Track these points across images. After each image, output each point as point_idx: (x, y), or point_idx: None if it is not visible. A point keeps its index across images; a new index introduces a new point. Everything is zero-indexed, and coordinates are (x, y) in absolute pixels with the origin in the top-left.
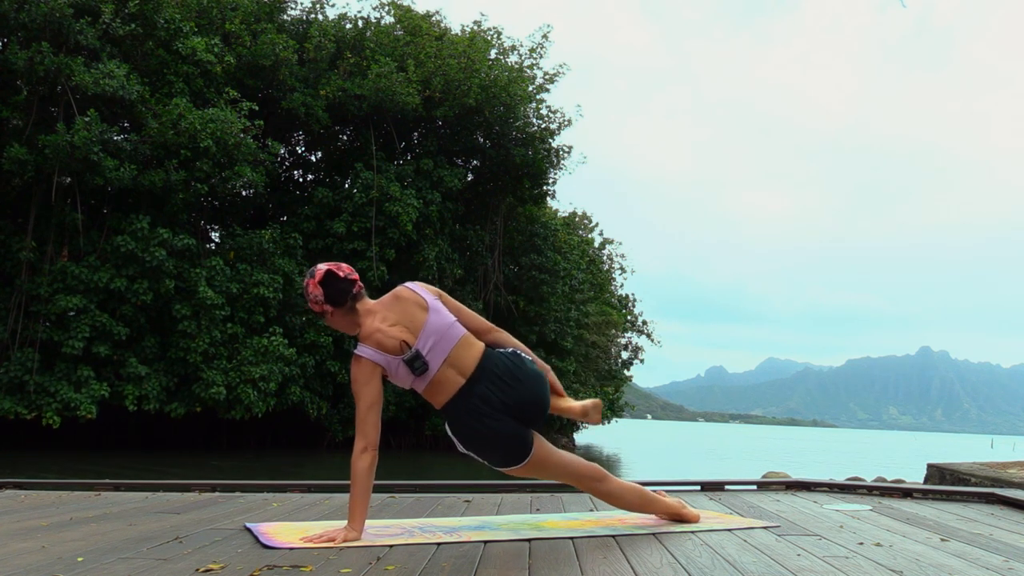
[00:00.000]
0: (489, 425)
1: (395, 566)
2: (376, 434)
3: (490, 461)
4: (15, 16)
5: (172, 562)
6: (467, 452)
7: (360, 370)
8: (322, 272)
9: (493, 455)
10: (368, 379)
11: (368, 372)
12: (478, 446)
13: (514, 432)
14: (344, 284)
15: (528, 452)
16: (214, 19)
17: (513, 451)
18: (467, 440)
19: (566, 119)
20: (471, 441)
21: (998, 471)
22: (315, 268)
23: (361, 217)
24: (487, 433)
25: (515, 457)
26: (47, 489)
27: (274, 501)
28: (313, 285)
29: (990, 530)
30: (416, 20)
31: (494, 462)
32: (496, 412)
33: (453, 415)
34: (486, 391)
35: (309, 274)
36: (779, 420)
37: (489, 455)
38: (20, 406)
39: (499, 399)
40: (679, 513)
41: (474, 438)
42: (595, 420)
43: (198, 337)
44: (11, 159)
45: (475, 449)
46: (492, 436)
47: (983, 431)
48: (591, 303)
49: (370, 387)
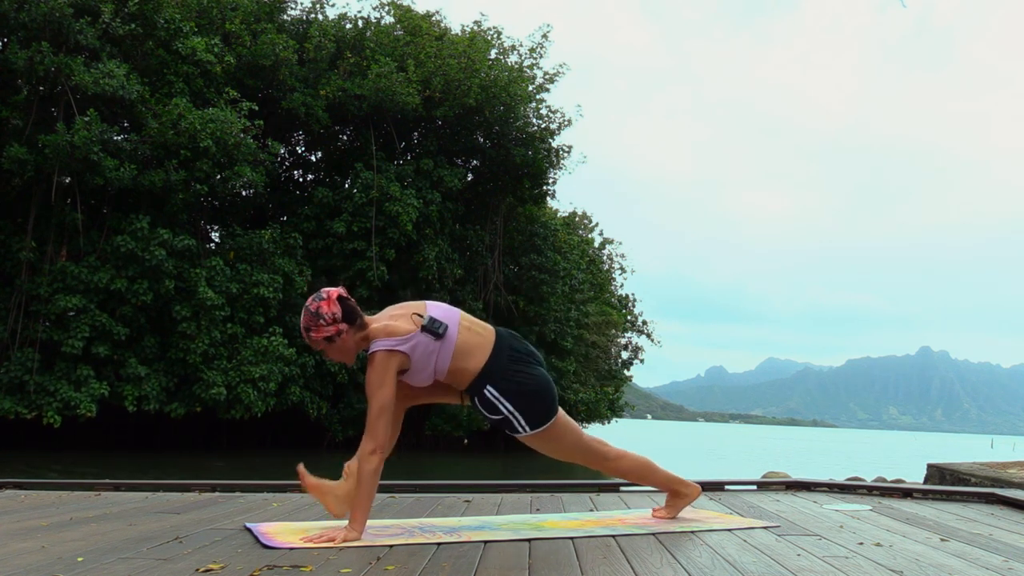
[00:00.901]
0: (536, 372)
1: (395, 566)
2: (386, 437)
3: (532, 416)
4: (15, 16)
5: (172, 562)
6: (506, 413)
7: (375, 369)
8: (336, 291)
9: (540, 405)
10: (383, 379)
11: (384, 369)
12: (530, 398)
13: (551, 381)
14: (352, 302)
15: (558, 406)
16: (214, 19)
17: (554, 400)
18: (518, 394)
19: (566, 119)
20: (523, 394)
21: (998, 471)
22: (322, 291)
23: (361, 217)
24: (538, 379)
25: (553, 408)
26: (47, 489)
27: (274, 501)
28: (330, 304)
29: (990, 530)
30: (416, 20)
31: (535, 417)
32: (535, 362)
33: (497, 370)
34: (516, 345)
35: (318, 297)
36: (779, 420)
37: (537, 406)
38: (20, 406)
39: (527, 352)
40: (678, 489)
41: (526, 387)
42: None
43: (198, 337)
44: (11, 159)
45: (526, 402)
46: (543, 382)
47: (983, 431)
48: (591, 303)
49: (385, 388)
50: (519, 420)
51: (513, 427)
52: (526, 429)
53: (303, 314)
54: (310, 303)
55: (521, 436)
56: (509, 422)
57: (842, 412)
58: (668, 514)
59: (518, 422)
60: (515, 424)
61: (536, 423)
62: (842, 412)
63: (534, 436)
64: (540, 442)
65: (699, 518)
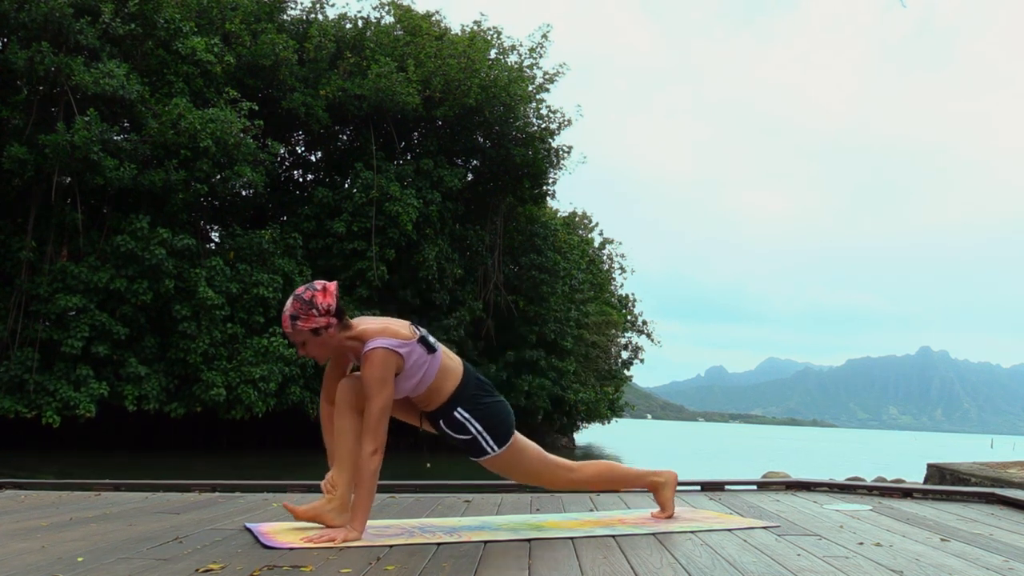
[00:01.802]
0: (498, 398)
1: (395, 566)
2: (386, 437)
3: (497, 436)
4: (15, 16)
5: (172, 562)
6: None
7: (377, 366)
8: (332, 284)
9: (503, 428)
10: (386, 376)
11: (387, 366)
12: (494, 420)
13: (510, 407)
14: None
15: (515, 429)
16: (214, 19)
17: (513, 423)
18: (485, 416)
19: (566, 119)
20: (489, 416)
21: (998, 471)
22: (315, 282)
23: (361, 217)
24: (501, 404)
25: (512, 429)
26: (47, 489)
27: (274, 501)
28: (326, 295)
29: (990, 530)
30: (416, 20)
31: (500, 437)
32: (494, 391)
33: (466, 395)
34: (479, 375)
35: (311, 287)
36: (779, 420)
37: (501, 428)
38: (20, 405)
39: (488, 382)
40: (652, 481)
41: (490, 411)
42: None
43: (198, 337)
44: (11, 159)
45: (491, 423)
46: (505, 407)
47: (983, 431)
48: (591, 303)
49: (388, 386)
50: (487, 440)
51: (480, 447)
52: (494, 448)
53: (291, 302)
54: (302, 292)
55: (486, 459)
56: (476, 442)
57: (842, 412)
58: (664, 513)
59: (486, 442)
60: (482, 443)
61: (500, 443)
62: (842, 412)
63: (499, 457)
64: (504, 463)
65: (699, 518)
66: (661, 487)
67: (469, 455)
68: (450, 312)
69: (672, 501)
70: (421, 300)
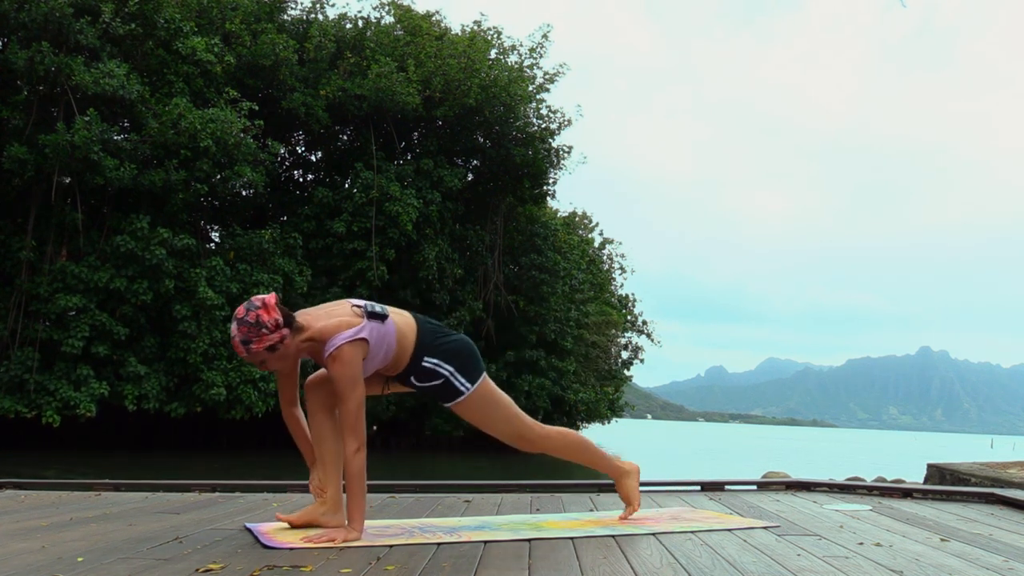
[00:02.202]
0: (456, 335)
1: (395, 566)
2: (365, 432)
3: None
4: (15, 16)
5: (172, 562)
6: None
7: (346, 364)
8: (272, 297)
9: (470, 361)
10: (356, 372)
11: (354, 363)
12: (461, 357)
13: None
14: (285, 308)
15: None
16: (214, 19)
17: (479, 356)
18: (451, 355)
19: (566, 119)
20: (455, 353)
21: (998, 471)
22: (253, 299)
23: (361, 217)
24: (461, 340)
25: (480, 364)
26: (47, 489)
27: (274, 501)
28: (269, 311)
29: (990, 530)
30: (416, 20)
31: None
32: (449, 331)
33: (426, 342)
34: (431, 320)
35: (251, 306)
36: (779, 420)
37: (469, 363)
38: (20, 405)
39: (440, 324)
40: (618, 467)
41: (454, 348)
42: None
43: (198, 337)
44: (11, 159)
45: (459, 361)
46: (465, 343)
47: (983, 431)
48: (591, 303)
49: (360, 382)
50: (458, 379)
51: (454, 388)
52: (467, 386)
53: (237, 328)
54: (245, 314)
55: (461, 401)
56: (449, 384)
57: (842, 412)
58: (632, 508)
59: (458, 381)
60: (456, 384)
61: (472, 379)
62: (842, 412)
63: (473, 396)
64: (478, 403)
65: (699, 518)
66: (625, 475)
67: (443, 401)
68: (450, 312)
69: (638, 492)
70: (421, 300)
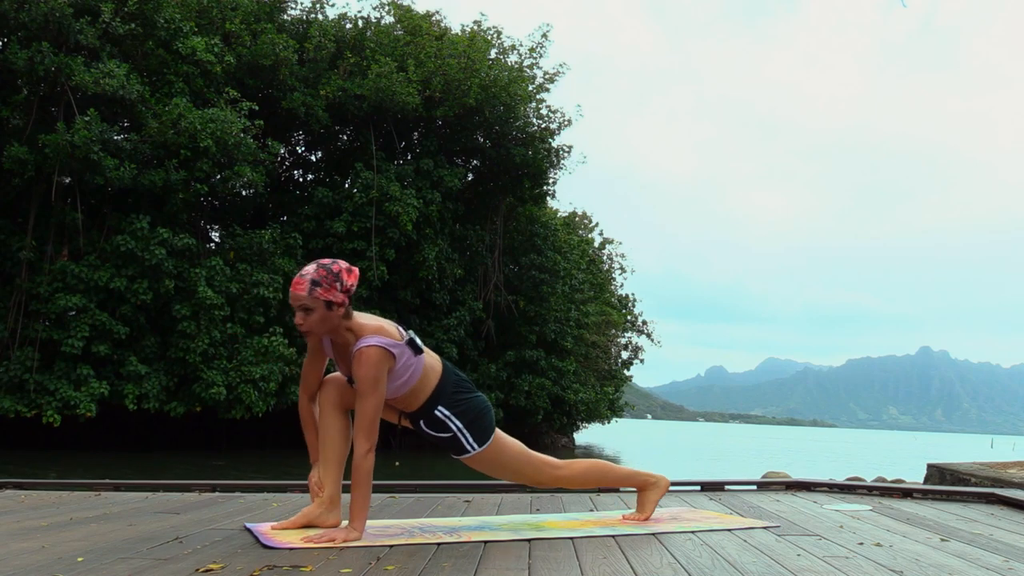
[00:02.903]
0: (477, 395)
1: (395, 566)
2: (378, 435)
3: (477, 433)
4: (15, 16)
5: (172, 562)
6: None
7: (372, 365)
8: (356, 269)
9: (482, 423)
10: (381, 375)
11: (381, 365)
12: (473, 417)
13: (489, 403)
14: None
15: (495, 427)
16: (214, 19)
17: (492, 420)
18: (464, 413)
19: (566, 119)
20: (467, 412)
21: (998, 471)
22: (341, 261)
23: (361, 217)
24: (480, 401)
25: (492, 426)
26: (47, 489)
27: (274, 501)
28: (352, 276)
29: (990, 530)
30: (416, 20)
31: (480, 434)
32: (473, 389)
33: (446, 393)
34: (459, 373)
35: (338, 263)
36: (779, 420)
37: (479, 424)
38: (20, 404)
39: (467, 380)
40: (644, 480)
41: (471, 407)
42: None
43: (198, 337)
44: (11, 159)
45: (470, 420)
46: (484, 404)
47: (983, 431)
48: (591, 303)
49: (382, 385)
50: (467, 437)
51: (461, 446)
52: (474, 446)
53: (315, 268)
54: (330, 263)
55: (468, 457)
56: (457, 440)
57: (842, 412)
58: (641, 515)
59: (466, 439)
60: (463, 442)
61: (481, 441)
62: (842, 412)
63: (480, 455)
64: (486, 462)
65: (699, 518)
66: (651, 487)
67: (451, 453)
68: (450, 312)
69: (654, 506)
70: (421, 300)
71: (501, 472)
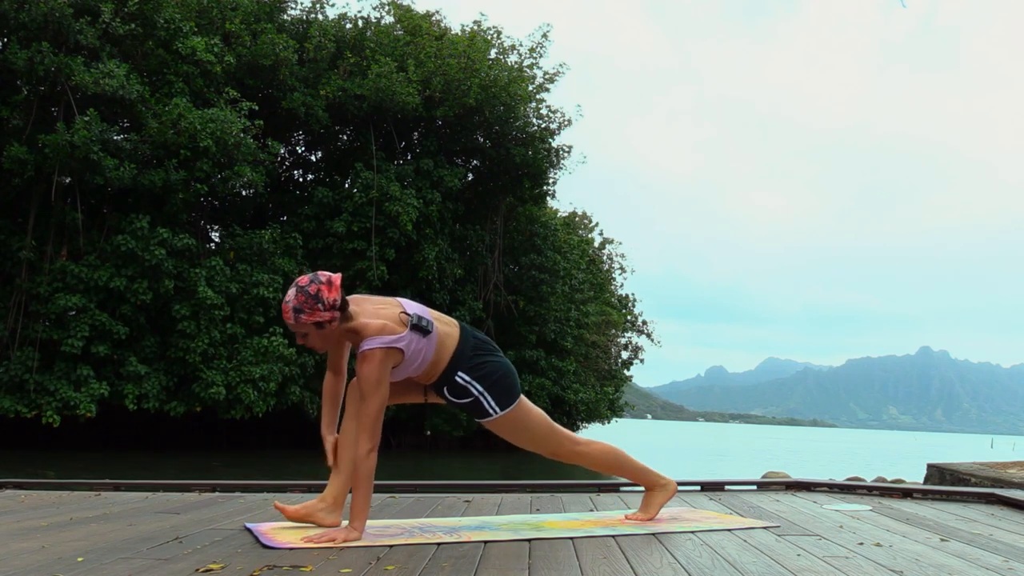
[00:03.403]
0: (498, 357)
1: (395, 566)
2: (380, 435)
3: (499, 396)
4: (15, 16)
5: (172, 562)
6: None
7: (375, 367)
8: (337, 277)
9: (504, 385)
10: (383, 376)
11: (384, 367)
12: (495, 379)
13: (512, 366)
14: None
15: (520, 390)
16: (214, 19)
17: (516, 382)
18: (485, 376)
19: (566, 119)
20: (489, 375)
21: (998, 471)
22: (319, 274)
23: (361, 217)
24: (502, 363)
25: (517, 389)
26: (47, 489)
27: (274, 501)
28: (332, 290)
29: (990, 530)
30: (416, 20)
31: (502, 397)
32: (495, 349)
33: (465, 358)
34: (478, 335)
35: (316, 280)
36: (779, 420)
37: (502, 387)
38: (20, 404)
39: (487, 340)
40: (654, 480)
41: (492, 370)
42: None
43: (197, 337)
44: (11, 159)
45: (492, 383)
46: (506, 365)
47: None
48: (591, 303)
49: (384, 387)
50: (488, 401)
51: (483, 409)
52: (496, 410)
53: (295, 294)
54: (307, 284)
55: (490, 420)
56: (479, 403)
57: (842, 412)
58: (644, 515)
59: (488, 403)
60: (485, 405)
61: (504, 404)
62: (842, 412)
63: (502, 419)
64: (508, 425)
65: (699, 518)
66: (660, 489)
67: (474, 416)
68: (450, 312)
69: (659, 508)
70: (421, 300)
71: (521, 438)
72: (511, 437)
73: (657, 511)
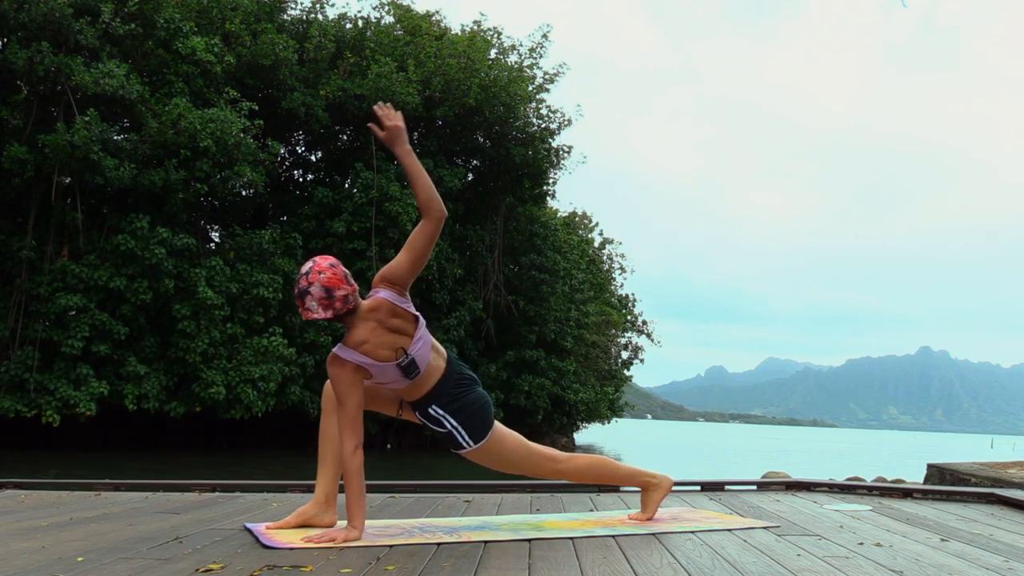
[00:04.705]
0: (476, 392)
1: (395, 566)
2: (363, 431)
3: (473, 430)
4: (15, 16)
5: (172, 562)
6: (450, 428)
7: (345, 373)
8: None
9: (478, 420)
10: (355, 382)
11: (354, 376)
12: (469, 414)
13: (489, 400)
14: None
15: (493, 421)
16: (214, 19)
17: (490, 416)
18: (459, 410)
19: (566, 119)
20: (462, 409)
21: (998, 471)
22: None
23: (361, 217)
24: (477, 399)
25: (490, 422)
26: (47, 489)
27: (274, 501)
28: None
29: (990, 530)
30: (416, 20)
31: (476, 431)
32: (476, 385)
33: (444, 391)
34: (463, 370)
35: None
36: (779, 420)
37: (475, 421)
38: (20, 404)
39: (470, 376)
40: (646, 480)
41: (468, 405)
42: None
43: (197, 337)
44: (11, 159)
45: (465, 417)
46: (481, 401)
47: (983, 431)
48: (591, 303)
49: (358, 389)
50: (462, 434)
51: (457, 442)
52: (470, 443)
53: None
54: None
55: (465, 452)
56: (453, 436)
57: (842, 412)
58: (644, 515)
59: (461, 436)
60: (458, 438)
61: (477, 437)
62: (842, 412)
63: (477, 450)
64: (485, 456)
65: (699, 518)
66: (654, 487)
67: (449, 447)
68: (450, 312)
69: (656, 506)
70: (421, 300)
71: (500, 465)
72: (490, 465)
73: (655, 509)
